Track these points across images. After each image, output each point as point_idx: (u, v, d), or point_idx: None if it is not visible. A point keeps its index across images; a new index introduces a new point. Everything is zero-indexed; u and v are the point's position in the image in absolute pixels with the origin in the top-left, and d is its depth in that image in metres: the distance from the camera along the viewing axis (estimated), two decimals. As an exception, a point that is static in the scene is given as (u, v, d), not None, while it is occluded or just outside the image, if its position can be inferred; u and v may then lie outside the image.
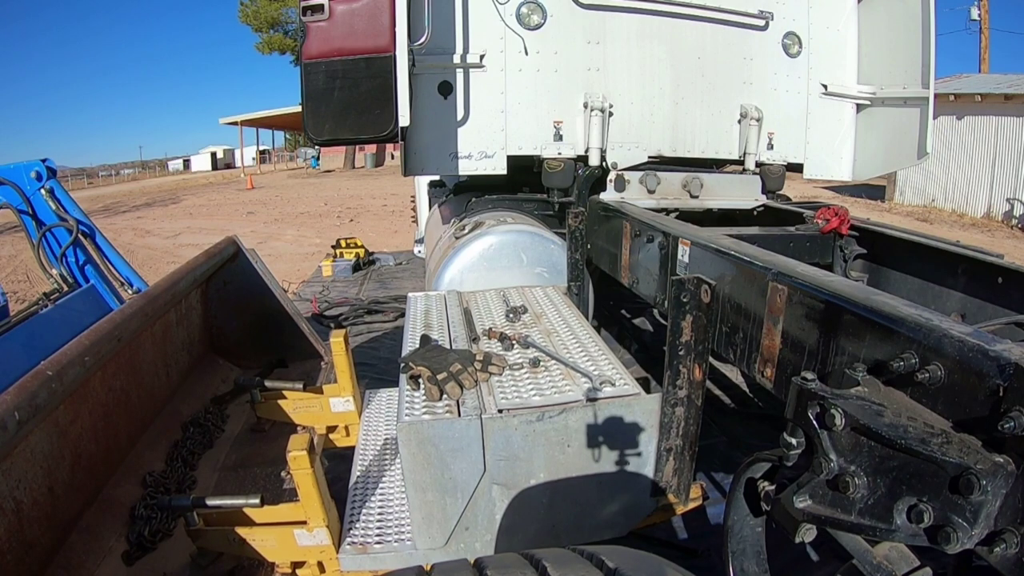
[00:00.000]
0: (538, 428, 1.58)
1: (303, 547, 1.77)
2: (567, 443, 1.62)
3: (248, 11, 32.52)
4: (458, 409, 1.63)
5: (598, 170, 3.55)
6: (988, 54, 17.76)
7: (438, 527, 1.65)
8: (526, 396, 1.67)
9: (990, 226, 12.31)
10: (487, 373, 1.80)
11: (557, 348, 2.03)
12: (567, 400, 1.64)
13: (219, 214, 16.78)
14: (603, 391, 1.68)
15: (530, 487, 1.65)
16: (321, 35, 2.84)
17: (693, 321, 1.64)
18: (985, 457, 0.97)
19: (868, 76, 3.93)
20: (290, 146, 54.27)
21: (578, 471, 1.65)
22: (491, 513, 1.65)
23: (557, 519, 1.70)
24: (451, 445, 1.57)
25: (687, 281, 1.61)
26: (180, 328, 2.73)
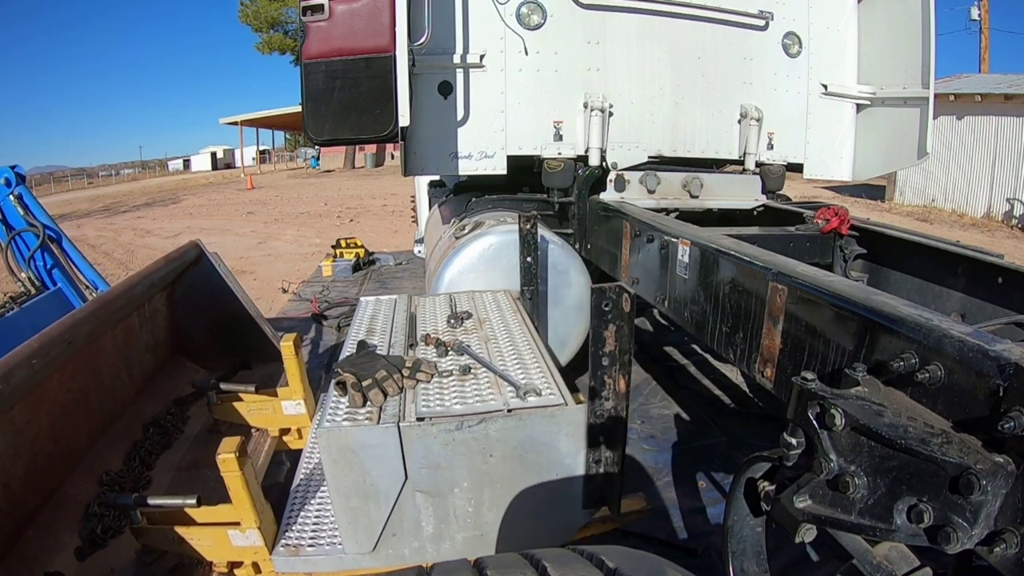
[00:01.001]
0: (457, 437, 1.57)
1: (237, 547, 1.79)
2: (489, 452, 1.60)
3: (248, 11, 32.52)
4: (378, 416, 1.62)
5: (598, 170, 3.55)
6: (988, 54, 17.76)
7: (364, 532, 1.65)
8: (448, 404, 1.66)
9: (990, 226, 12.31)
10: (414, 380, 1.78)
11: (491, 355, 1.98)
12: (488, 409, 1.61)
13: (219, 214, 16.78)
14: (527, 401, 1.65)
15: (455, 495, 1.64)
16: (321, 35, 2.84)
17: (616, 331, 1.59)
18: (985, 457, 0.97)
19: (868, 76, 3.93)
20: (290, 146, 54.26)
21: (503, 481, 1.64)
22: (417, 520, 1.66)
23: (486, 528, 1.69)
24: (370, 452, 1.57)
25: (608, 289, 1.57)
26: (144, 331, 2.78)
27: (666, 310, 2.55)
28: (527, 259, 2.77)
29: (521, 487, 1.66)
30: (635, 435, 3.35)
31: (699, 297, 2.21)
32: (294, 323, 5.41)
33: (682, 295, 2.36)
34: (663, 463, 3.06)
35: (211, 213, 17.16)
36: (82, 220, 17.34)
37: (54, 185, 40.45)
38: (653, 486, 2.88)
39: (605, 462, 1.68)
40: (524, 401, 1.65)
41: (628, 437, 3.28)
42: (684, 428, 3.42)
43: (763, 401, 3.72)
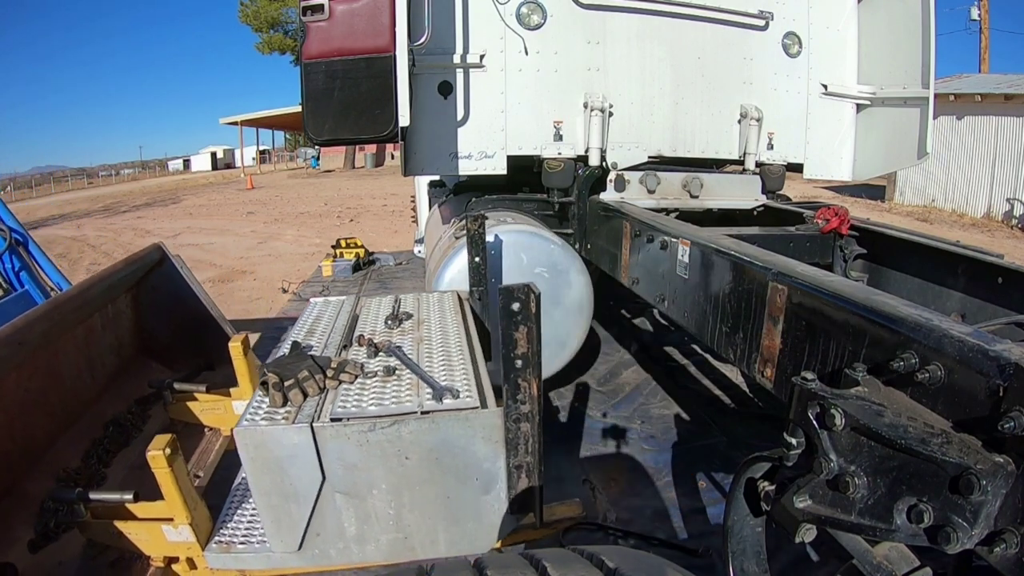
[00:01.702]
0: (371, 438, 1.57)
1: (172, 543, 1.82)
2: (404, 455, 1.59)
3: (248, 11, 32.52)
4: (295, 416, 1.62)
5: (598, 170, 3.55)
6: (988, 54, 17.76)
7: (288, 531, 1.67)
8: (364, 405, 1.65)
9: (990, 226, 12.31)
10: (336, 381, 1.77)
11: (421, 357, 1.97)
12: (402, 411, 1.61)
13: (219, 214, 16.78)
14: (442, 403, 1.64)
15: (374, 497, 1.64)
16: (321, 35, 2.84)
17: (527, 332, 1.56)
18: (985, 457, 0.97)
19: (868, 76, 3.93)
20: (290, 146, 54.26)
21: (422, 484, 1.63)
22: (339, 521, 1.66)
23: (409, 531, 1.69)
24: (286, 451, 1.57)
25: (516, 289, 1.53)
26: (107, 332, 2.83)
27: (666, 310, 2.55)
28: (475, 259, 2.73)
29: (441, 491, 1.65)
30: (635, 435, 3.35)
31: (699, 297, 2.21)
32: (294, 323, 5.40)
33: (682, 295, 2.36)
34: (663, 463, 3.06)
35: (211, 213, 17.16)
36: (82, 220, 17.34)
37: (54, 185, 40.46)
38: (653, 486, 2.88)
39: (526, 467, 1.66)
40: (439, 403, 1.64)
41: (628, 437, 3.32)
42: (684, 428, 3.42)
43: (763, 401, 3.72)
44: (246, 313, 6.41)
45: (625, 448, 3.24)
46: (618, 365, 4.30)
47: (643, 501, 2.77)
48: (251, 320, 6.13)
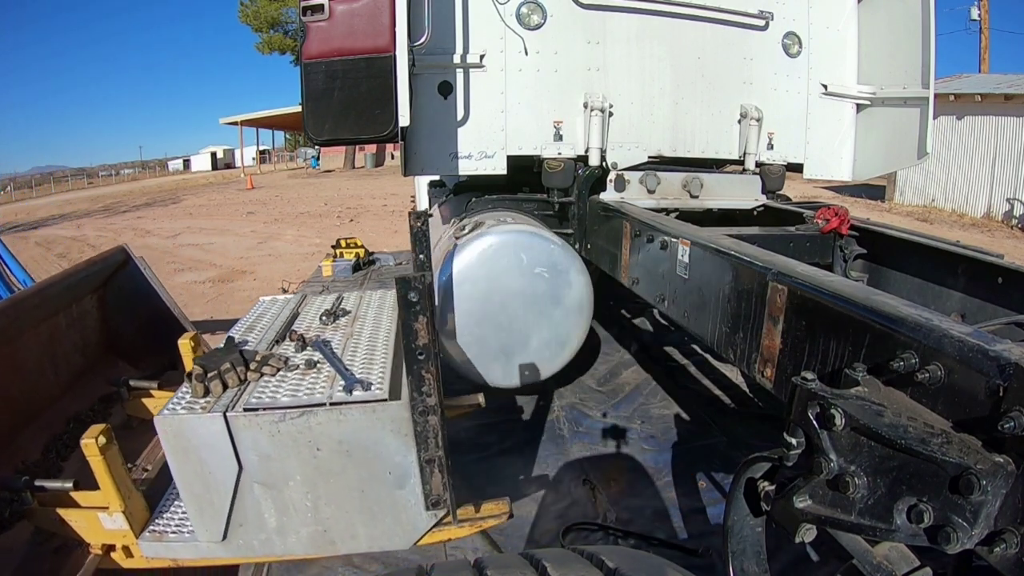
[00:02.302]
0: (283, 429, 1.59)
1: (109, 531, 1.85)
2: (316, 446, 1.60)
3: (248, 11, 32.52)
4: (212, 406, 1.65)
5: (598, 170, 3.55)
6: (988, 54, 17.77)
7: (211, 521, 1.69)
8: (279, 396, 1.67)
9: (990, 226, 12.31)
10: (258, 373, 1.80)
11: (346, 351, 1.99)
12: (312, 402, 1.62)
13: (219, 214, 16.79)
14: (351, 396, 1.64)
15: (290, 489, 1.65)
16: (321, 35, 2.84)
17: (426, 323, 1.56)
18: (985, 457, 0.97)
19: (868, 76, 3.93)
20: (290, 146, 54.26)
21: (335, 476, 1.65)
22: (259, 512, 1.68)
23: (328, 524, 1.70)
24: (203, 440, 1.60)
25: (413, 279, 1.52)
26: (72, 331, 2.88)
27: (666, 310, 2.55)
28: (420, 256, 2.73)
29: (355, 484, 1.66)
30: (635, 435, 3.35)
31: (699, 297, 2.21)
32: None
33: (682, 295, 2.36)
34: (663, 463, 3.06)
35: (211, 213, 17.16)
36: (82, 220, 17.34)
37: (54, 185, 40.48)
38: (653, 486, 2.88)
39: (437, 462, 1.65)
40: (348, 395, 1.64)
41: (628, 437, 3.32)
42: (684, 428, 3.42)
43: (763, 401, 3.72)
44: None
45: (625, 448, 3.24)
46: (618, 365, 4.30)
47: (643, 501, 2.77)
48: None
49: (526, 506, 2.74)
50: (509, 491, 2.84)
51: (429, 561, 1.54)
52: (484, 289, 3.04)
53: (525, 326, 3.11)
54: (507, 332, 3.10)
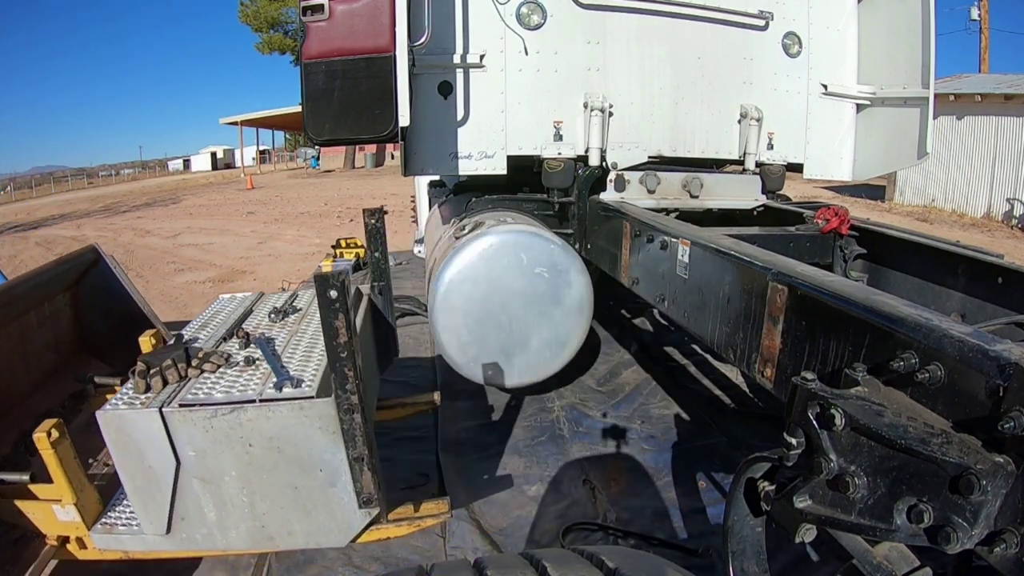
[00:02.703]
0: (215, 425, 1.62)
1: (62, 522, 1.89)
2: (248, 442, 1.63)
3: (248, 11, 32.52)
4: (151, 402, 1.69)
5: (598, 170, 3.55)
6: (988, 54, 17.76)
7: (155, 514, 1.73)
8: (215, 393, 1.70)
9: (990, 226, 12.31)
10: (199, 370, 1.83)
11: (287, 349, 2.00)
12: (243, 399, 1.65)
13: (219, 214, 16.79)
14: (281, 392, 1.66)
15: (227, 484, 1.69)
16: (321, 35, 2.84)
17: (347, 320, 1.56)
18: (985, 457, 0.97)
19: (868, 76, 3.92)
20: (290, 146, 54.25)
21: (269, 473, 1.67)
22: (199, 506, 1.72)
23: (265, 520, 1.73)
24: (142, 435, 1.64)
25: (332, 276, 1.53)
26: (44, 329, 2.92)
27: (666, 310, 2.55)
28: (375, 254, 2.72)
29: (288, 481, 1.69)
30: (635, 435, 3.35)
31: (699, 297, 2.21)
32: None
33: (682, 295, 2.36)
34: (663, 463, 3.06)
35: (211, 213, 17.16)
36: (82, 220, 17.34)
37: (54, 185, 40.46)
38: (653, 486, 2.88)
39: (365, 459, 1.67)
40: (278, 392, 1.67)
41: (628, 437, 3.32)
42: (684, 428, 3.42)
43: (763, 401, 3.72)
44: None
45: (625, 448, 3.24)
46: (618, 365, 4.30)
47: (643, 501, 2.77)
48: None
49: (526, 506, 2.74)
50: (509, 491, 2.85)
51: (429, 561, 1.54)
52: (484, 289, 3.04)
53: (525, 326, 3.11)
54: (507, 332, 3.10)
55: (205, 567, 2.38)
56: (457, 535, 2.52)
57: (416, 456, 3.15)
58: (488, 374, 3.17)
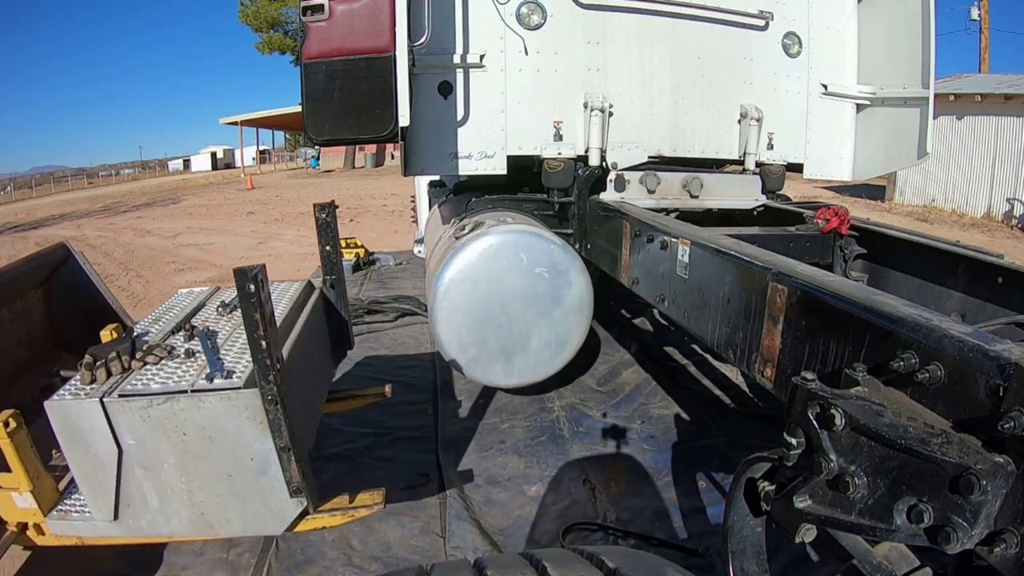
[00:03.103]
0: (151, 414, 1.69)
1: (21, 509, 1.93)
2: (182, 431, 1.70)
3: (248, 11, 32.52)
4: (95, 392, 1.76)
5: (598, 170, 3.55)
6: (988, 54, 17.77)
7: (103, 501, 1.79)
8: (153, 384, 1.77)
9: (990, 226, 12.31)
10: (142, 362, 1.90)
11: (227, 341, 2.07)
12: (176, 389, 1.72)
13: (219, 214, 16.79)
14: (212, 383, 1.73)
15: (166, 472, 1.76)
16: (321, 35, 2.84)
17: (266, 314, 1.63)
18: (985, 457, 0.97)
19: (868, 76, 3.93)
20: (290, 146, 54.26)
21: (203, 461, 1.75)
22: (143, 493, 1.79)
23: (204, 508, 1.81)
24: (86, 424, 1.71)
25: (249, 271, 1.59)
26: (16, 325, 2.97)
27: (666, 310, 2.55)
28: (326, 248, 2.72)
29: (222, 469, 1.76)
30: (635, 435, 3.35)
31: (699, 297, 2.21)
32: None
33: (682, 295, 2.37)
34: (663, 463, 3.06)
35: (211, 213, 17.16)
36: (82, 220, 17.34)
37: (54, 185, 40.46)
38: (653, 486, 2.88)
39: (290, 449, 1.72)
40: (209, 383, 1.73)
41: (628, 437, 3.32)
42: (684, 428, 3.42)
43: (763, 401, 3.72)
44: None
45: (625, 448, 3.24)
46: (618, 365, 4.30)
47: (643, 501, 2.77)
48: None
49: (526, 506, 2.74)
50: (509, 491, 2.85)
51: (429, 561, 1.54)
52: (484, 289, 3.04)
53: (525, 326, 3.11)
54: (507, 332, 3.10)
55: (205, 567, 2.38)
56: (457, 535, 2.52)
57: (416, 456, 3.15)
58: (488, 374, 3.18)
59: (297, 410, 1.95)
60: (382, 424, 3.48)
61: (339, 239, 2.73)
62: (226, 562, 2.40)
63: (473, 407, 3.68)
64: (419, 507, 2.73)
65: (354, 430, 3.41)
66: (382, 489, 2.03)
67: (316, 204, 2.63)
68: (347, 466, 3.06)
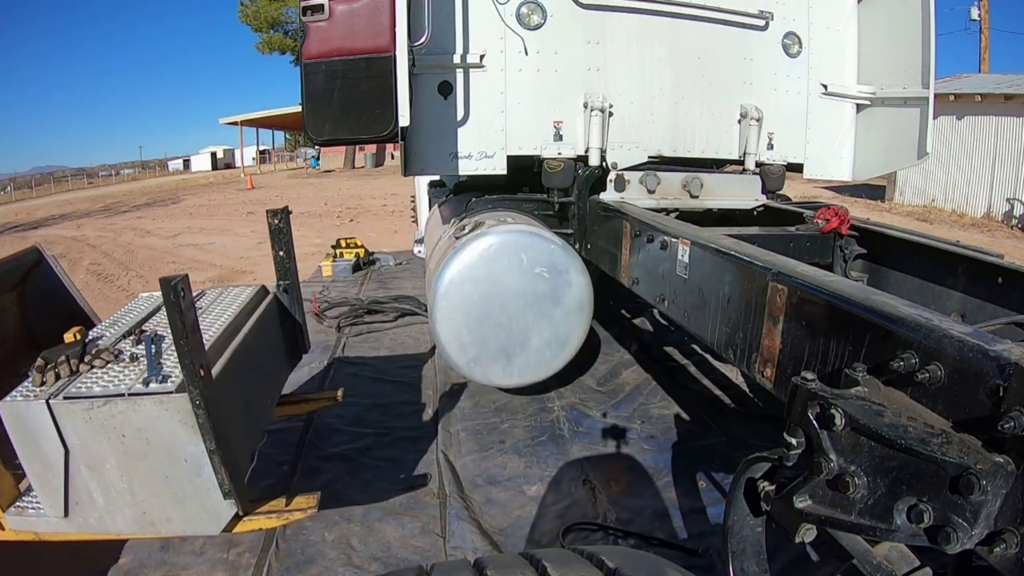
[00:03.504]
0: (93, 416, 1.77)
1: None
2: (121, 432, 1.78)
3: (248, 11, 32.54)
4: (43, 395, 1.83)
5: (598, 170, 3.55)
6: (988, 54, 17.78)
7: (53, 498, 1.85)
8: (96, 387, 1.84)
9: (990, 226, 12.31)
10: (89, 365, 1.97)
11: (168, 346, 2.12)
12: (115, 393, 1.80)
13: (219, 214, 16.79)
14: (148, 387, 1.80)
15: (109, 471, 1.83)
16: (321, 35, 2.84)
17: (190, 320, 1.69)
18: (985, 457, 0.97)
19: (868, 76, 3.93)
20: (290, 146, 54.28)
21: (141, 462, 1.82)
22: (89, 491, 1.85)
23: (146, 507, 1.87)
24: (35, 424, 1.78)
25: (173, 279, 1.65)
26: None
27: (666, 310, 2.55)
28: (280, 253, 2.75)
29: (160, 470, 1.83)
30: (635, 435, 3.35)
31: (699, 297, 2.21)
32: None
33: (682, 295, 2.37)
34: (663, 463, 3.06)
35: (211, 213, 17.16)
36: (82, 220, 17.34)
37: (54, 185, 40.48)
38: (653, 486, 2.88)
39: (220, 453, 1.78)
40: (145, 387, 1.81)
41: (628, 437, 3.32)
42: (684, 428, 3.42)
43: (763, 401, 3.72)
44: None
45: (625, 448, 3.24)
46: (618, 365, 4.30)
47: (643, 501, 2.77)
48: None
49: (526, 506, 2.74)
50: (509, 491, 2.85)
51: (429, 561, 1.54)
52: (484, 289, 3.04)
53: (525, 326, 3.11)
54: (507, 332, 3.10)
55: (205, 567, 2.38)
56: (457, 535, 2.52)
57: (416, 456, 3.15)
58: (488, 374, 3.18)
59: (236, 413, 2.03)
60: (382, 424, 3.48)
61: (293, 244, 2.76)
62: (226, 562, 2.40)
63: (473, 407, 3.68)
64: (419, 507, 2.73)
65: (354, 430, 3.41)
66: (317, 493, 2.09)
67: (269, 210, 2.65)
68: (347, 466, 3.06)
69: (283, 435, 3.35)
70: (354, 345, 4.78)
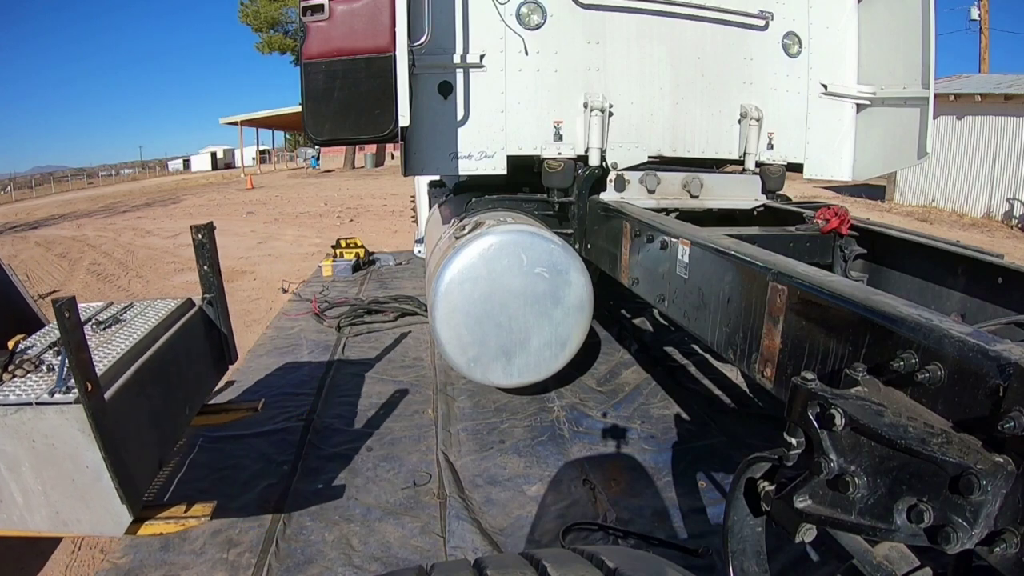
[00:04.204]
0: (7, 422, 1.88)
1: None
2: (32, 438, 1.88)
3: (248, 11, 32.53)
4: None
5: (598, 170, 3.56)
6: (988, 54, 17.78)
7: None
8: (11, 395, 1.93)
9: (990, 226, 12.31)
10: (11, 374, 2.07)
11: None
12: (25, 401, 1.90)
13: (219, 214, 16.78)
14: (53, 397, 1.89)
15: (24, 473, 1.93)
16: (321, 35, 2.84)
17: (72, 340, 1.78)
18: (985, 457, 0.97)
19: (868, 76, 3.93)
20: (290, 146, 54.27)
21: (54, 466, 1.92)
22: (10, 491, 1.95)
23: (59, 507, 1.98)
24: None
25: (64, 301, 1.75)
26: None
27: (666, 310, 2.55)
28: (204, 267, 2.78)
29: (67, 474, 1.93)
30: (635, 435, 3.35)
31: (699, 297, 2.21)
32: (294, 323, 5.41)
33: (682, 295, 2.37)
34: (663, 463, 3.06)
35: (211, 213, 17.15)
36: (82, 220, 17.34)
37: (54, 185, 40.47)
38: (653, 486, 2.88)
39: (112, 459, 1.88)
40: (50, 397, 1.91)
41: (628, 437, 3.32)
42: (684, 428, 3.42)
43: (763, 401, 3.72)
44: (246, 313, 6.42)
45: (625, 448, 3.24)
46: (618, 365, 4.30)
47: (643, 501, 2.77)
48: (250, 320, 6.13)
49: (526, 506, 2.74)
50: (509, 491, 2.85)
51: (429, 561, 1.54)
52: (484, 289, 3.04)
53: (525, 326, 3.11)
54: (507, 332, 3.10)
55: (205, 567, 2.39)
56: (457, 535, 2.52)
57: (416, 456, 3.15)
58: (488, 374, 3.18)
59: (138, 423, 2.13)
60: (382, 424, 3.48)
61: (218, 259, 2.80)
62: (226, 562, 2.40)
63: (473, 407, 3.68)
64: (419, 507, 2.73)
65: (354, 430, 3.41)
66: (213, 502, 2.17)
67: (193, 226, 2.71)
68: (347, 466, 3.06)
69: (283, 435, 3.35)
70: (354, 345, 4.78)
